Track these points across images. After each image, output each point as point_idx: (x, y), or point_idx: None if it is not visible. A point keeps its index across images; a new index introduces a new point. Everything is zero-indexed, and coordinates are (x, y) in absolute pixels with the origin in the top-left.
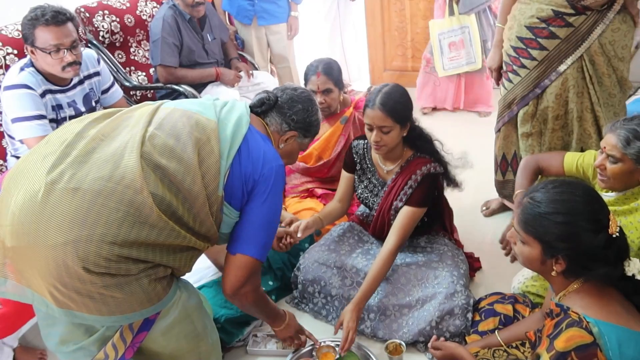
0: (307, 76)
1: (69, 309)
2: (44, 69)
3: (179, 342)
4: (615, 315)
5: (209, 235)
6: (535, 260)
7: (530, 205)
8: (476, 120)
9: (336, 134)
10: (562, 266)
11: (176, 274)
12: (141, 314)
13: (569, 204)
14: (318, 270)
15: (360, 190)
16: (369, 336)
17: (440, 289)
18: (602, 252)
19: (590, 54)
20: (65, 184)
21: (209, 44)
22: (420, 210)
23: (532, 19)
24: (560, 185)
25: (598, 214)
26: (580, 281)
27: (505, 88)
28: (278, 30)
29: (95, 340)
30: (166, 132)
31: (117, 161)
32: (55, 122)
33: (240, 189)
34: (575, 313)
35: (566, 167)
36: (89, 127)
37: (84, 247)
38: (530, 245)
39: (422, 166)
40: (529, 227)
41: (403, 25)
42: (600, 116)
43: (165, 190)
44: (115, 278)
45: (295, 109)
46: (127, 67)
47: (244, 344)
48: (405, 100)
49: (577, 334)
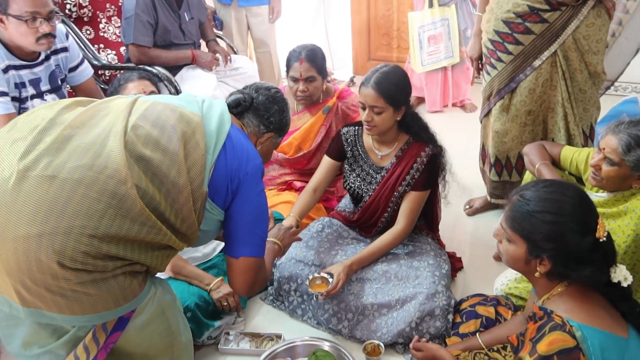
0: (289, 62)
1: (37, 308)
2: (12, 41)
3: (153, 340)
4: (599, 319)
5: (189, 234)
6: (519, 260)
7: (519, 203)
8: (461, 116)
9: (317, 124)
10: (546, 267)
11: (151, 272)
12: (116, 312)
13: (559, 203)
14: (295, 267)
15: (351, 179)
16: (346, 336)
17: (421, 289)
18: (588, 255)
19: (564, 50)
20: (41, 172)
21: (185, 24)
22: (426, 193)
23: (508, 13)
24: (551, 185)
25: (587, 216)
26: (564, 284)
27: (485, 80)
28: (259, 13)
29: (65, 343)
30: (150, 123)
31: (99, 150)
32: (18, 100)
33: (225, 186)
34: (558, 316)
35: (562, 158)
36: (62, 114)
37: (61, 239)
38: (515, 244)
39: (425, 148)
40: (516, 224)
41: (389, 13)
42: (568, 112)
43: (148, 182)
44: (91, 274)
45: (272, 110)
46: (95, 44)
47: (215, 342)
48: (402, 83)
49: (560, 338)
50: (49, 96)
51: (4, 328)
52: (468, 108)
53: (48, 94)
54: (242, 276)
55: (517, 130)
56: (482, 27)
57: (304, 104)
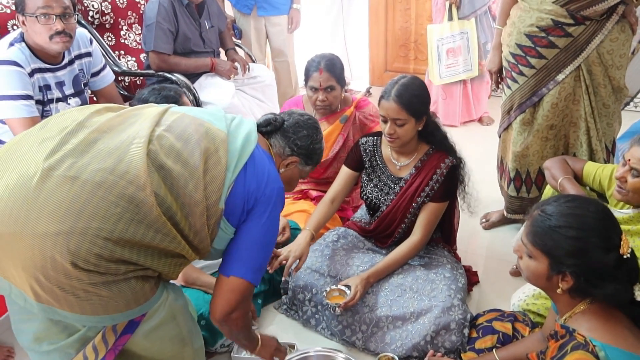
0: (308, 72)
1: (50, 305)
2: (34, 42)
3: (164, 344)
4: (623, 339)
5: (200, 248)
6: (541, 276)
7: (541, 218)
8: (478, 129)
9: (335, 134)
10: (568, 283)
11: (163, 279)
12: (127, 314)
13: (582, 218)
14: (310, 277)
15: (369, 189)
16: (360, 348)
17: (437, 302)
18: (611, 272)
19: (588, 64)
20: (64, 172)
21: (206, 32)
22: (444, 205)
23: (531, 27)
24: (573, 199)
25: (610, 232)
26: (586, 302)
27: (505, 94)
28: (278, 22)
29: (75, 342)
30: (175, 135)
31: (122, 155)
32: (42, 103)
33: (241, 206)
34: (581, 335)
35: (585, 174)
36: (92, 117)
37: (76, 240)
38: (537, 260)
39: (445, 159)
40: (537, 239)
41: (407, 25)
42: (591, 127)
43: (166, 192)
44: (103, 276)
45: (300, 134)
46: (116, 50)
47: (228, 349)
48: (423, 93)
49: (583, 357)
50: (72, 100)
51: (17, 322)
52: (485, 121)
53: (72, 98)
54: (226, 295)
55: (539, 145)
56: (503, 40)
57: (322, 113)
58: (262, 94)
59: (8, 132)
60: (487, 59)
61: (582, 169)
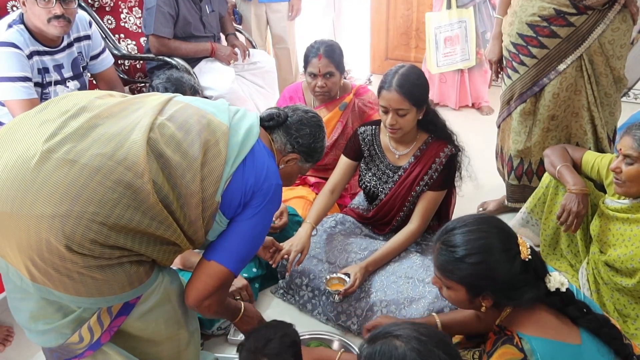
0: (307, 58)
1: (45, 285)
2: (33, 24)
3: (159, 326)
4: (549, 329)
5: (195, 239)
6: (464, 301)
7: (447, 252)
8: (478, 118)
9: (334, 120)
10: (489, 302)
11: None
12: (121, 297)
13: (482, 241)
14: (308, 262)
15: (367, 178)
16: (355, 333)
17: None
18: (521, 278)
19: (589, 54)
20: (63, 155)
21: (206, 17)
22: (442, 193)
23: (533, 16)
24: (471, 223)
25: (509, 244)
26: (510, 307)
27: (505, 84)
28: (279, 9)
29: (70, 322)
30: (177, 125)
31: (122, 141)
32: (40, 86)
33: (238, 200)
34: (509, 331)
35: (583, 163)
36: (94, 102)
37: (72, 223)
38: (454, 289)
39: (444, 148)
40: (448, 273)
41: (409, 13)
42: (595, 116)
43: (164, 180)
44: (98, 260)
45: (303, 132)
46: (116, 34)
47: (224, 332)
48: (422, 82)
49: (509, 351)
50: (71, 83)
51: (13, 300)
52: (484, 110)
53: (70, 81)
54: (203, 280)
55: (540, 135)
56: (504, 30)
57: (322, 100)
58: (262, 80)
59: (7, 114)
60: (487, 49)
61: (581, 158)
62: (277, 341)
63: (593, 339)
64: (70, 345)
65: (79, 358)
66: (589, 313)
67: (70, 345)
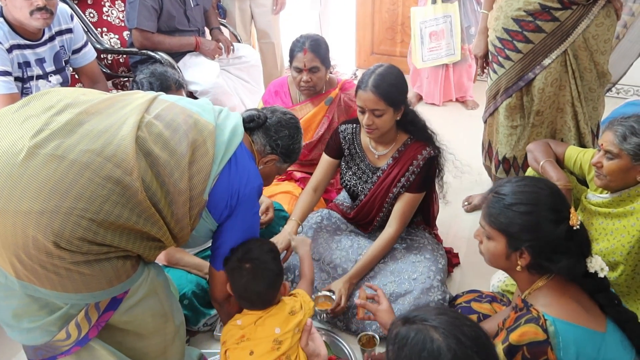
0: (292, 52)
1: (31, 282)
2: (13, 17)
3: (146, 319)
4: (576, 314)
5: (179, 237)
6: (500, 255)
7: (495, 199)
8: (461, 113)
9: (319, 115)
10: (526, 260)
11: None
12: (109, 292)
13: (532, 195)
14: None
15: (347, 177)
16: (341, 329)
17: (417, 283)
18: (563, 244)
19: (574, 49)
20: (51, 151)
21: (191, 10)
22: (420, 196)
23: (519, 11)
24: (523, 179)
25: (559, 205)
26: (544, 279)
27: (491, 79)
28: (263, 3)
29: (57, 319)
30: (164, 123)
31: (110, 138)
32: (21, 80)
33: (225, 200)
34: (535, 310)
35: (566, 158)
36: (78, 98)
37: (61, 219)
38: (495, 240)
39: (422, 150)
40: (493, 219)
41: (394, 7)
42: (578, 111)
43: (152, 178)
44: (85, 256)
45: (282, 134)
46: (98, 27)
47: (210, 328)
48: (400, 82)
49: (532, 330)
50: (53, 77)
51: None
52: (469, 105)
53: (52, 75)
54: (220, 288)
55: (527, 130)
56: (490, 24)
57: (307, 94)
58: (247, 75)
59: None
60: (473, 44)
61: (564, 153)
62: (257, 249)
63: (618, 330)
64: (57, 342)
65: (64, 355)
66: (620, 305)
67: (57, 343)
